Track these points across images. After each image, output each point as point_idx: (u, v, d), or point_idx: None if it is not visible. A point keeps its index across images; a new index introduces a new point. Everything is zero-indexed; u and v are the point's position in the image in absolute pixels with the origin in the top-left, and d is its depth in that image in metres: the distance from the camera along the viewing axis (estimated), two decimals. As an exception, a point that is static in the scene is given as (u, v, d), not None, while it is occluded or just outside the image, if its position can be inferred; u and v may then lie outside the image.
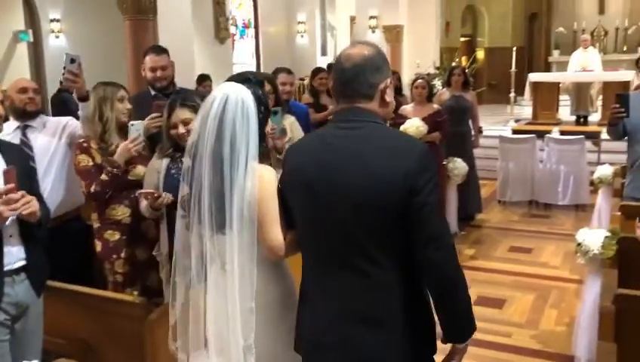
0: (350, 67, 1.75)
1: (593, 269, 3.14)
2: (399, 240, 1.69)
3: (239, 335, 1.88)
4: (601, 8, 14.41)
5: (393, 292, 1.71)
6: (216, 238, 1.91)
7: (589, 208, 6.34)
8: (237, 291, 1.88)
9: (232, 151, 1.88)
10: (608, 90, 9.99)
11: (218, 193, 1.89)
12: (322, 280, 1.79)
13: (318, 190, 1.74)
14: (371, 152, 1.69)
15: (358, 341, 1.72)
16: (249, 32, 14.63)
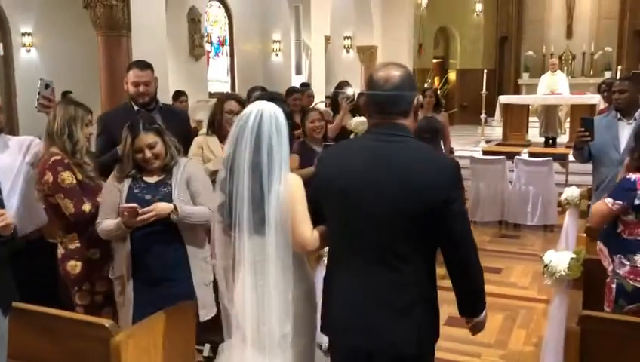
0: (390, 88, 1.97)
1: (559, 290, 3.19)
2: (425, 242, 1.98)
3: (276, 325, 2.15)
4: (569, 33, 14.82)
5: (414, 286, 1.99)
6: (253, 239, 2.15)
7: (557, 229, 6.45)
8: (274, 286, 2.14)
9: (269, 161, 2.13)
10: (576, 112, 10.25)
11: (257, 198, 2.13)
12: (353, 271, 2.03)
13: (357, 196, 1.96)
14: (410, 166, 1.94)
15: (383, 325, 1.98)
16: (224, 49, 14.65)
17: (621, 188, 2.73)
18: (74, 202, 2.89)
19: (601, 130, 3.87)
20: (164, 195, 2.80)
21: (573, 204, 4.89)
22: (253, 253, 2.17)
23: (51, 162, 2.91)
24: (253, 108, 2.20)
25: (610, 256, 2.85)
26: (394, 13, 13.25)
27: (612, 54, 14.21)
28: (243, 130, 2.15)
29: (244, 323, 2.20)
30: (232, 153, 2.17)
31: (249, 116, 2.16)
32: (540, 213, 7.03)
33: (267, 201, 2.13)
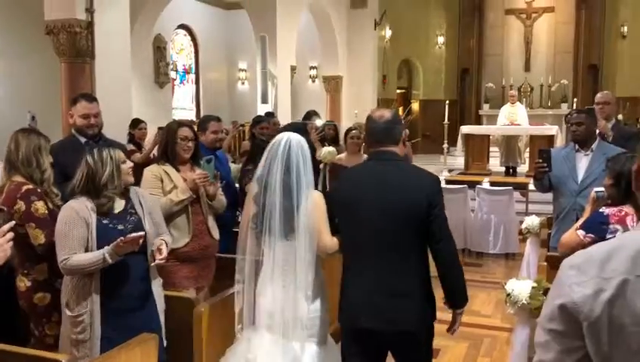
0: (383, 123, 2.61)
1: (522, 319, 3.23)
2: (420, 239, 2.53)
3: (303, 316, 2.63)
4: (527, 66, 15.32)
5: (415, 275, 2.53)
6: (283, 243, 2.64)
7: (518, 257, 6.57)
8: (300, 281, 2.63)
9: (297, 181, 2.62)
10: (535, 142, 10.55)
11: (287, 211, 2.62)
12: (365, 267, 2.54)
13: (365, 207, 2.52)
14: (402, 181, 2.54)
15: (391, 307, 2.49)
16: (189, 77, 14.64)
17: (594, 222, 2.75)
18: (45, 233, 2.85)
19: (560, 161, 3.98)
20: (135, 224, 2.79)
21: (533, 233, 5.00)
22: (282, 254, 2.65)
23: (24, 191, 2.87)
24: (282, 137, 2.69)
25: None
26: (358, 45, 13.51)
27: (568, 86, 14.72)
28: (275, 155, 2.64)
29: (273, 312, 2.65)
30: (266, 174, 2.65)
31: (280, 144, 2.66)
32: (501, 242, 7.16)
33: (296, 214, 2.62)
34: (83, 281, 2.72)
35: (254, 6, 10.94)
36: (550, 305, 1.15)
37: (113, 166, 2.76)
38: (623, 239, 1.16)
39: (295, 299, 2.64)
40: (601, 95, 5.11)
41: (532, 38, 15.20)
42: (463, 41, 15.78)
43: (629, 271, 1.08)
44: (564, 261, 1.18)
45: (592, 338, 1.09)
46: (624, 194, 2.71)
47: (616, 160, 2.81)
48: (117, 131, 6.48)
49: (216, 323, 3.04)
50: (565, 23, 14.99)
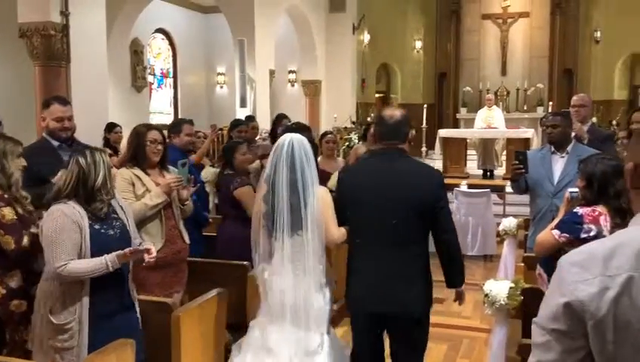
0: (393, 122, 2.82)
1: (500, 319, 3.26)
2: (422, 229, 2.75)
3: (314, 303, 2.82)
4: (504, 70, 15.50)
5: (418, 261, 2.76)
6: (293, 238, 2.82)
7: (496, 258, 6.63)
8: (310, 273, 2.82)
9: (302, 178, 2.80)
10: (511, 146, 10.67)
11: (294, 207, 2.79)
12: (373, 255, 2.74)
13: (373, 199, 2.72)
14: (409, 175, 2.77)
15: (397, 290, 2.72)
16: (167, 81, 14.53)
17: (568, 222, 2.78)
18: (15, 238, 2.80)
19: (537, 163, 4.03)
20: (121, 229, 2.78)
21: (510, 234, 5.05)
22: (292, 248, 2.83)
23: None
24: (285, 138, 2.87)
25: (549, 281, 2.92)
26: (337, 49, 13.55)
27: (544, 90, 14.93)
28: (280, 155, 2.82)
29: (283, 302, 2.83)
30: (272, 174, 2.83)
31: (283, 144, 2.84)
32: (479, 243, 7.22)
33: (303, 209, 2.80)
34: (72, 287, 2.64)
35: (232, 10, 10.91)
36: (552, 305, 1.13)
37: (106, 170, 2.71)
38: (626, 235, 1.16)
39: (306, 289, 2.83)
40: (577, 98, 5.14)
41: (508, 42, 15.39)
42: (440, 46, 15.91)
43: (634, 267, 1.08)
44: (562, 258, 1.17)
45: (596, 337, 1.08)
46: (597, 195, 2.75)
47: (588, 162, 2.85)
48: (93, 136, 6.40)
49: (194, 328, 3.01)
50: (540, 28, 15.21)
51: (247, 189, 4.17)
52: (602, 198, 2.74)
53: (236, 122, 6.36)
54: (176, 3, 13.97)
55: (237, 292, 3.60)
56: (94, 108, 7.14)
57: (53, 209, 2.65)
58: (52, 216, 2.62)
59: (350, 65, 13.79)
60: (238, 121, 6.50)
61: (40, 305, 2.69)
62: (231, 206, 4.21)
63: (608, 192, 2.73)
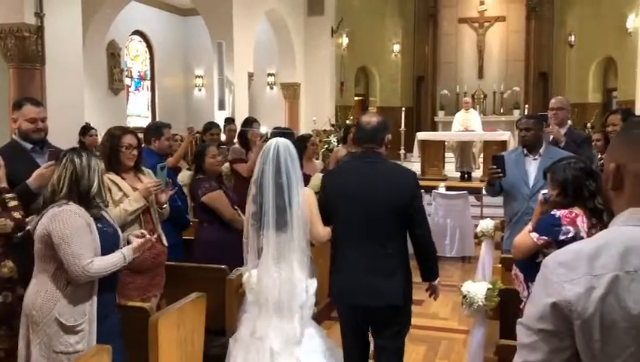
0: (370, 128, 3.00)
1: (478, 320, 3.29)
2: (401, 226, 2.94)
3: (298, 296, 3.01)
4: (480, 74, 15.67)
5: (396, 257, 2.94)
6: (279, 234, 3.01)
7: (474, 260, 6.68)
8: (295, 267, 3.01)
9: (287, 180, 2.98)
10: (488, 148, 10.79)
11: (281, 207, 2.98)
12: (355, 250, 2.93)
13: (357, 198, 2.90)
14: (388, 176, 2.96)
15: (377, 284, 2.89)
16: (145, 83, 14.41)
17: (546, 224, 2.80)
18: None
19: (511, 166, 4.08)
20: (113, 228, 2.83)
21: (488, 236, 5.11)
22: (278, 244, 3.02)
23: None
24: (272, 142, 3.06)
25: (525, 281, 2.96)
26: (316, 52, 13.57)
27: (520, 93, 15.13)
28: (266, 159, 3.01)
29: (270, 295, 3.00)
30: (260, 176, 3.01)
31: (270, 148, 3.02)
32: (457, 245, 7.27)
33: (288, 208, 2.98)
34: (81, 287, 2.63)
35: (211, 12, 10.86)
36: (539, 305, 1.14)
37: (100, 177, 2.71)
38: (609, 235, 1.17)
39: (291, 283, 3.01)
40: (555, 100, 5.17)
41: (485, 46, 15.57)
42: (418, 49, 16.03)
43: (619, 267, 1.10)
44: (548, 258, 1.19)
45: (583, 336, 1.09)
46: (572, 199, 2.79)
47: (556, 169, 2.88)
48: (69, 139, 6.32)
49: (172, 332, 2.99)
50: (516, 32, 15.42)
51: (216, 194, 4.14)
52: (578, 201, 2.78)
53: (209, 125, 6.30)
54: (154, 5, 13.87)
55: (216, 296, 3.57)
56: (70, 111, 7.05)
57: (59, 211, 2.59)
58: (62, 217, 2.58)
59: (329, 69, 13.82)
60: (211, 123, 6.44)
61: (43, 311, 2.60)
62: (202, 211, 4.19)
63: (583, 195, 2.77)
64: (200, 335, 3.31)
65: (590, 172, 2.83)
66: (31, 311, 2.61)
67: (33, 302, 2.62)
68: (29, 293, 2.65)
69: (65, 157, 2.70)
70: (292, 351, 2.99)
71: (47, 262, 2.63)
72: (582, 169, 2.81)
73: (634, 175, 1.19)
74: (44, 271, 2.63)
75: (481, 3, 15.37)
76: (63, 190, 2.64)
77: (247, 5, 11.07)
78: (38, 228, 2.62)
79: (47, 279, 2.63)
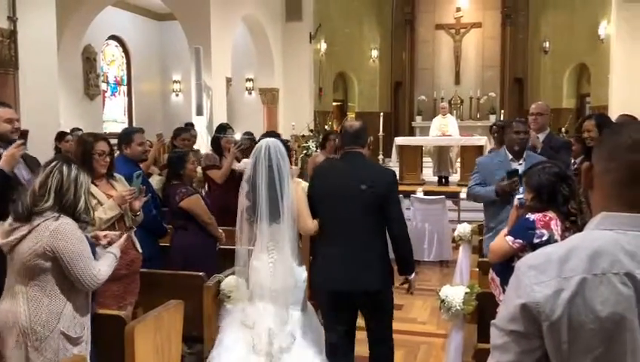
0: (353, 131, 3.36)
1: (456, 324, 3.31)
2: (380, 220, 3.23)
3: (289, 282, 3.24)
4: (457, 80, 15.83)
5: (377, 249, 3.25)
6: (271, 227, 3.23)
7: (452, 264, 6.72)
8: (286, 257, 3.24)
9: (279, 176, 3.21)
10: (465, 153, 10.92)
11: (272, 200, 3.20)
12: (337, 242, 3.24)
13: (339, 194, 3.23)
14: (368, 174, 3.26)
15: (359, 274, 3.18)
16: (121, 88, 14.27)
17: (521, 228, 2.82)
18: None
19: (496, 171, 4.11)
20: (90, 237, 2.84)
21: (465, 240, 5.14)
22: (270, 235, 3.25)
23: None
24: (262, 142, 3.31)
25: (501, 285, 2.98)
26: (294, 57, 13.57)
27: (496, 99, 15.32)
28: (259, 158, 3.24)
29: (264, 283, 3.23)
30: (253, 174, 3.25)
31: (261, 148, 3.26)
32: (435, 249, 7.31)
33: (280, 201, 3.20)
34: (80, 299, 2.66)
35: (188, 17, 10.81)
36: (510, 306, 1.16)
37: (86, 194, 2.68)
38: (580, 239, 1.20)
39: (282, 271, 3.23)
40: (535, 106, 5.16)
41: (461, 52, 15.73)
42: (395, 55, 16.14)
43: (587, 269, 1.12)
44: (520, 261, 1.21)
45: (552, 337, 1.11)
46: (546, 202, 2.83)
47: (531, 174, 2.92)
48: (43, 144, 6.22)
49: (149, 340, 2.95)
50: (492, 38, 15.62)
51: (195, 198, 4.14)
52: (552, 205, 2.82)
53: (179, 131, 6.22)
54: (131, 10, 13.76)
55: (193, 304, 3.54)
56: (45, 116, 6.94)
57: (58, 225, 2.54)
58: (65, 233, 2.54)
59: (307, 74, 13.84)
60: (180, 129, 6.35)
61: (49, 326, 2.54)
62: (178, 217, 4.17)
63: (557, 199, 2.81)
64: (177, 343, 3.28)
65: (564, 176, 2.86)
66: (34, 327, 2.52)
67: (35, 318, 2.53)
68: (22, 310, 2.53)
69: (53, 164, 2.63)
70: (285, 331, 3.19)
71: (42, 276, 2.55)
72: (556, 173, 2.84)
73: (598, 174, 1.22)
74: (37, 286, 2.54)
75: (458, 10, 15.55)
76: (48, 199, 2.56)
77: (225, 10, 11.04)
78: (34, 244, 2.52)
79: (43, 293, 2.55)
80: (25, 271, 2.55)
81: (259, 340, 3.17)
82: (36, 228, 2.53)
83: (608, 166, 1.20)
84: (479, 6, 15.61)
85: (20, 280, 2.56)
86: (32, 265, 2.53)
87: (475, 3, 15.62)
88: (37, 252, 2.51)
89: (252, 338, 3.19)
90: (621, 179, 1.19)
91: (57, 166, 2.61)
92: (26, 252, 2.52)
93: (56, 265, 2.54)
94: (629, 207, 1.18)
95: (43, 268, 2.54)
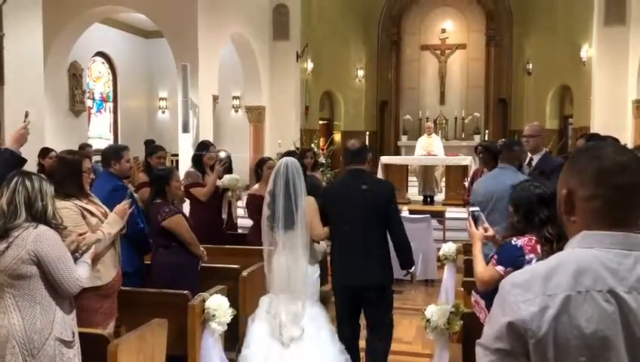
0: (355, 149, 3.99)
1: (441, 344, 3.31)
2: (382, 225, 3.88)
3: (302, 280, 3.84)
4: (442, 100, 16.00)
5: (379, 249, 3.89)
6: (287, 232, 3.85)
7: (438, 283, 6.73)
8: (300, 258, 3.84)
9: (294, 190, 3.84)
10: (450, 172, 10.99)
11: (288, 211, 3.82)
12: (347, 243, 3.89)
13: (347, 205, 3.88)
14: (371, 187, 3.90)
15: (367, 268, 3.85)
16: (107, 105, 14.22)
17: (510, 256, 2.75)
18: None
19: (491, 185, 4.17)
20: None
21: (450, 259, 5.16)
22: (286, 240, 3.86)
23: None
24: (282, 161, 3.96)
25: (487, 308, 2.96)
26: (281, 76, 13.64)
27: (480, 119, 15.48)
28: (278, 174, 3.87)
29: (282, 279, 3.84)
30: (273, 188, 3.88)
31: (280, 165, 3.90)
32: (421, 268, 7.29)
33: (295, 212, 3.82)
34: (64, 303, 2.71)
35: (175, 35, 10.84)
36: (495, 325, 1.17)
37: (52, 201, 2.73)
38: (563, 257, 1.21)
39: (298, 269, 3.83)
40: (527, 128, 5.12)
41: (446, 72, 15.93)
42: (381, 75, 16.29)
43: (571, 287, 1.14)
44: (504, 280, 1.22)
45: (537, 355, 1.12)
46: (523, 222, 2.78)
47: (516, 187, 2.90)
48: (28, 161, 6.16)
49: (132, 359, 2.92)
50: (476, 59, 15.84)
51: (177, 218, 4.11)
52: (529, 226, 2.77)
53: (154, 149, 6.06)
54: (118, 27, 13.77)
55: (177, 322, 3.51)
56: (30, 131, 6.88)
57: (40, 232, 2.61)
58: (48, 238, 2.63)
59: (294, 92, 13.90)
60: (156, 147, 6.20)
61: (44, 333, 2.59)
62: (160, 235, 4.13)
63: (534, 220, 2.75)
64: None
65: (547, 200, 2.74)
66: (30, 336, 2.56)
67: (30, 327, 2.57)
68: (15, 322, 2.56)
69: (15, 180, 2.66)
70: (298, 322, 3.76)
71: (31, 284, 2.59)
72: (538, 195, 2.77)
73: (582, 200, 1.23)
74: (27, 295, 2.59)
75: (443, 31, 15.77)
76: (20, 214, 2.61)
77: (212, 28, 11.09)
78: (18, 253, 2.56)
79: (34, 301, 2.60)
80: (12, 282, 2.58)
81: (275, 328, 3.76)
82: (16, 238, 2.58)
83: (596, 192, 1.21)
84: (464, 28, 15.86)
85: (9, 292, 2.59)
86: (18, 274, 2.57)
87: (460, 25, 15.86)
88: (22, 259, 2.56)
89: (273, 327, 3.77)
90: (609, 201, 1.21)
91: (20, 181, 2.67)
92: (10, 262, 2.56)
93: (41, 271, 2.60)
94: (608, 226, 1.21)
95: (29, 275, 2.58)
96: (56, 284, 2.64)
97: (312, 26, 14.64)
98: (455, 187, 10.75)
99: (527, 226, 2.78)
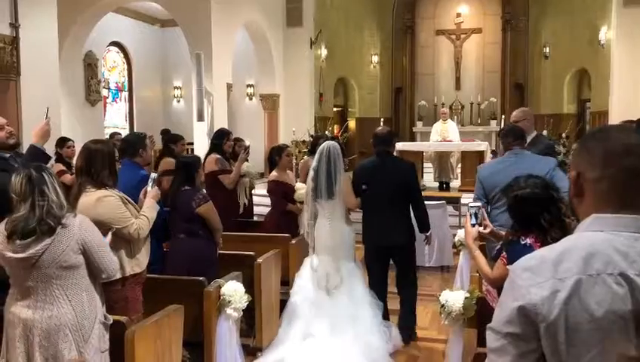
0: (382, 135, 4.90)
1: (456, 329, 3.31)
2: (406, 199, 4.76)
3: (341, 240, 4.58)
4: (458, 85, 15.87)
5: (403, 216, 4.77)
6: (328, 202, 4.56)
7: (453, 269, 6.71)
8: (338, 223, 4.58)
9: (334, 167, 4.55)
10: (466, 158, 10.90)
11: (329, 184, 4.53)
12: (378, 213, 4.72)
13: (376, 180, 4.69)
14: (397, 166, 4.86)
15: (392, 234, 4.69)
16: (122, 94, 14.31)
17: (521, 256, 2.58)
18: None
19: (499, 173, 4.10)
20: None
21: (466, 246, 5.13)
22: (328, 207, 4.58)
23: None
24: (325, 144, 4.66)
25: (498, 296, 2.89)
26: (295, 63, 13.60)
27: (496, 104, 15.34)
28: (322, 154, 4.55)
29: (325, 241, 4.55)
30: (317, 165, 4.56)
31: (324, 147, 4.59)
32: (436, 255, 7.29)
33: (334, 185, 4.53)
34: (96, 288, 2.82)
35: (189, 23, 10.84)
36: (506, 309, 1.18)
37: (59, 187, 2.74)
38: (573, 241, 1.21)
39: (337, 233, 4.57)
40: (514, 113, 5.22)
41: (462, 57, 15.78)
42: (396, 61, 16.19)
43: (582, 270, 1.14)
44: (514, 264, 1.22)
45: (549, 339, 1.12)
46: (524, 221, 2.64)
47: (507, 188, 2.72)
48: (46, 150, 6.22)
49: (149, 345, 2.96)
50: (492, 43, 15.66)
51: (210, 205, 4.19)
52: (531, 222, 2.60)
53: (176, 136, 6.23)
54: (132, 16, 13.81)
55: (193, 309, 3.55)
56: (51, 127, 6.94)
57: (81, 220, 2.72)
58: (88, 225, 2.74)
59: (308, 80, 13.86)
60: (176, 135, 6.37)
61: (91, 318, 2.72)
62: (190, 221, 4.13)
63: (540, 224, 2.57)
64: (177, 348, 3.28)
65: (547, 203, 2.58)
66: (81, 323, 2.68)
67: (81, 313, 2.69)
68: (67, 311, 2.65)
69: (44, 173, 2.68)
70: (339, 273, 4.48)
71: (77, 273, 2.69)
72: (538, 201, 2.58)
73: (591, 182, 1.24)
74: (74, 284, 2.69)
75: (458, 15, 15.59)
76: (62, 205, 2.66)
77: (226, 16, 11.08)
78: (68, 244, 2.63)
79: (80, 289, 2.71)
80: (61, 273, 2.64)
81: (320, 280, 4.48)
82: (63, 228, 2.64)
83: (603, 173, 1.21)
84: (479, 12, 15.67)
85: (56, 284, 2.65)
86: (68, 265, 2.65)
87: (476, 9, 15.67)
88: (73, 248, 2.66)
89: (317, 279, 4.49)
90: (617, 183, 1.20)
91: (46, 173, 2.69)
92: (60, 254, 2.62)
93: (85, 259, 2.71)
94: (618, 209, 1.20)
95: (77, 265, 2.68)
96: (98, 270, 2.77)
97: (326, 12, 14.55)
98: (471, 173, 10.65)
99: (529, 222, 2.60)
